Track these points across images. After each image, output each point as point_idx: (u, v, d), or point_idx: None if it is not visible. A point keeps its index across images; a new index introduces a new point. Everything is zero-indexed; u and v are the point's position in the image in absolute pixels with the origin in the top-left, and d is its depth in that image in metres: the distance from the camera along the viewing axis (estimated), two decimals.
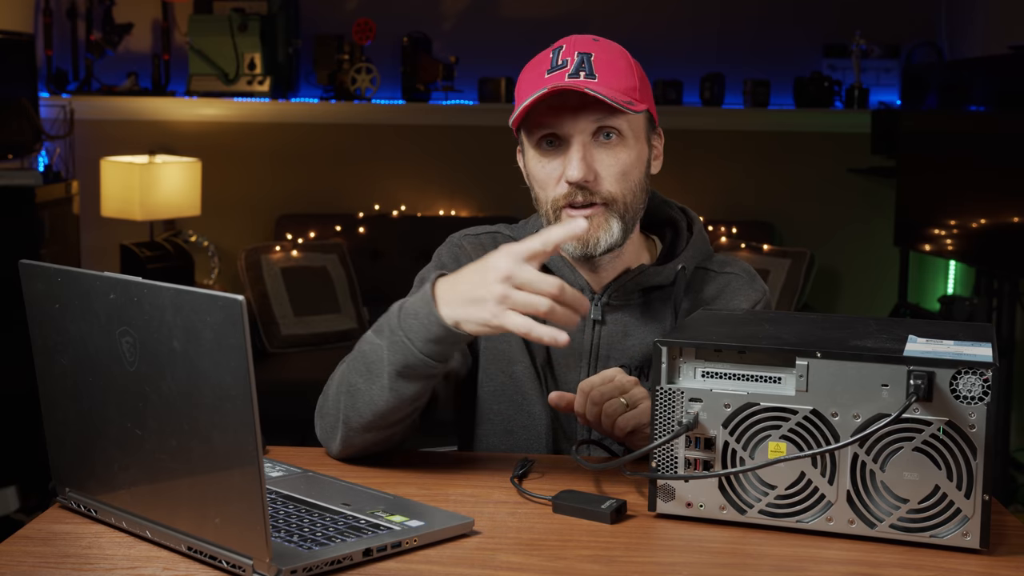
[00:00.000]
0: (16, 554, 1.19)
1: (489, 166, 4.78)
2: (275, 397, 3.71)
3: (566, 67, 1.54)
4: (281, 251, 4.52)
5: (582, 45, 1.57)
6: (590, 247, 1.58)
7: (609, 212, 1.57)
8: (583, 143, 1.55)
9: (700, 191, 4.83)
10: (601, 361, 1.64)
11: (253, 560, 1.11)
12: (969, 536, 1.22)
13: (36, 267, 1.26)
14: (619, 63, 1.57)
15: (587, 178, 1.54)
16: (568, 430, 1.66)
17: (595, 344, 1.65)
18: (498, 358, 1.66)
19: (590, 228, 1.55)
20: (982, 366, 1.19)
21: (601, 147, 1.56)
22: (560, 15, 4.82)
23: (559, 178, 1.56)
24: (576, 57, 1.55)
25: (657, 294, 1.66)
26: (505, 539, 1.26)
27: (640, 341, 1.64)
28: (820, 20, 4.87)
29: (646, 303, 1.65)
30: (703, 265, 1.70)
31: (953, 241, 3.99)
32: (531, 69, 1.60)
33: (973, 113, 3.86)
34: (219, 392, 1.09)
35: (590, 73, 1.53)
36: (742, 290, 1.68)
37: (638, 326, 1.65)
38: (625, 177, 1.57)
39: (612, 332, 1.64)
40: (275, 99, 4.79)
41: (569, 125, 1.55)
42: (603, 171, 1.56)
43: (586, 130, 1.55)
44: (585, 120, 1.54)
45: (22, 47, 4.15)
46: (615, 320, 1.65)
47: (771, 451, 1.27)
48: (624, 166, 1.57)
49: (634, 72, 1.59)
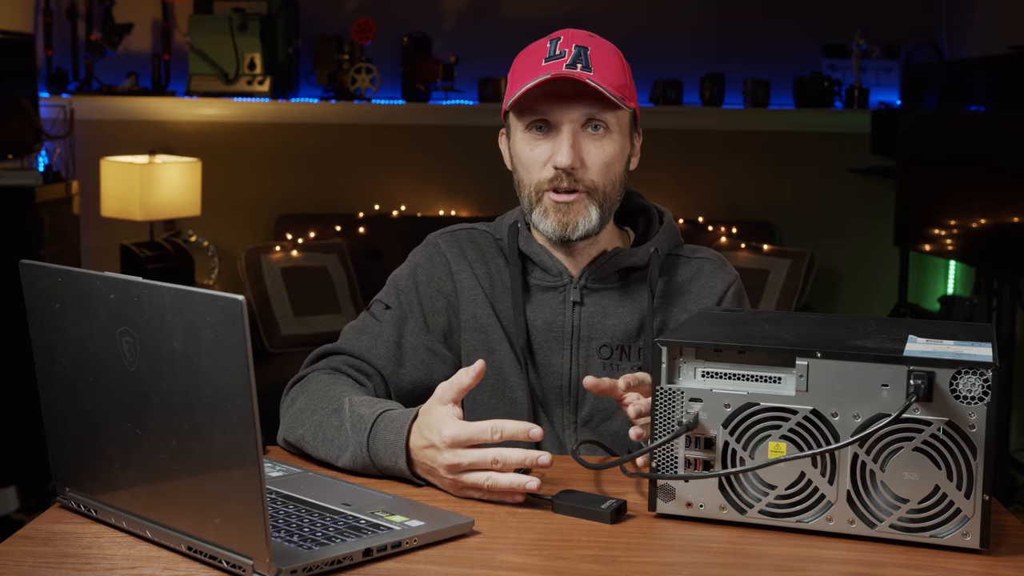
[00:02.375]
0: (16, 554, 1.19)
1: (489, 166, 4.75)
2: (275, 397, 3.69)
3: (564, 57, 1.61)
4: (281, 251, 4.52)
5: (579, 39, 1.64)
6: (568, 230, 1.64)
7: (590, 199, 1.64)
8: (573, 131, 1.62)
9: (700, 191, 4.83)
10: (583, 342, 1.69)
11: (253, 560, 1.11)
12: (969, 536, 1.22)
13: (36, 267, 1.26)
14: (613, 60, 1.64)
15: (575, 165, 1.61)
16: (549, 416, 1.70)
17: (576, 325, 1.69)
18: (478, 349, 1.70)
19: (570, 212, 1.63)
20: (982, 366, 1.19)
21: (589, 137, 1.63)
22: (560, 15, 4.82)
23: (546, 162, 1.63)
24: (574, 49, 1.62)
25: (634, 276, 1.72)
26: (505, 539, 1.26)
27: (620, 321, 1.70)
28: (820, 20, 4.87)
29: (623, 285, 1.71)
30: (675, 252, 1.76)
31: (953, 241, 3.99)
32: (527, 56, 1.66)
33: (973, 113, 3.86)
34: (219, 392, 1.09)
35: (587, 66, 1.60)
36: (716, 273, 1.74)
37: (617, 307, 1.70)
38: (608, 168, 1.64)
39: (592, 313, 1.70)
40: (275, 99, 4.79)
41: (561, 113, 1.61)
42: (589, 160, 1.63)
43: (577, 120, 1.62)
44: (577, 110, 1.61)
45: (22, 47, 4.15)
46: (594, 302, 1.70)
47: (771, 451, 1.27)
48: (608, 158, 1.64)
49: (625, 71, 1.66)
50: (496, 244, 1.76)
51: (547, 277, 1.71)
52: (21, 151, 4.11)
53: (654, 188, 1.69)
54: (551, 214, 1.64)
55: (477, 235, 1.78)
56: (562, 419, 1.70)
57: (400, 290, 1.74)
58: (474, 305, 1.71)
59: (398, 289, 1.74)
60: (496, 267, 1.74)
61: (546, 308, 1.70)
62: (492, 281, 1.73)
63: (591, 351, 1.69)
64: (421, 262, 1.76)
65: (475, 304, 1.71)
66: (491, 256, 1.75)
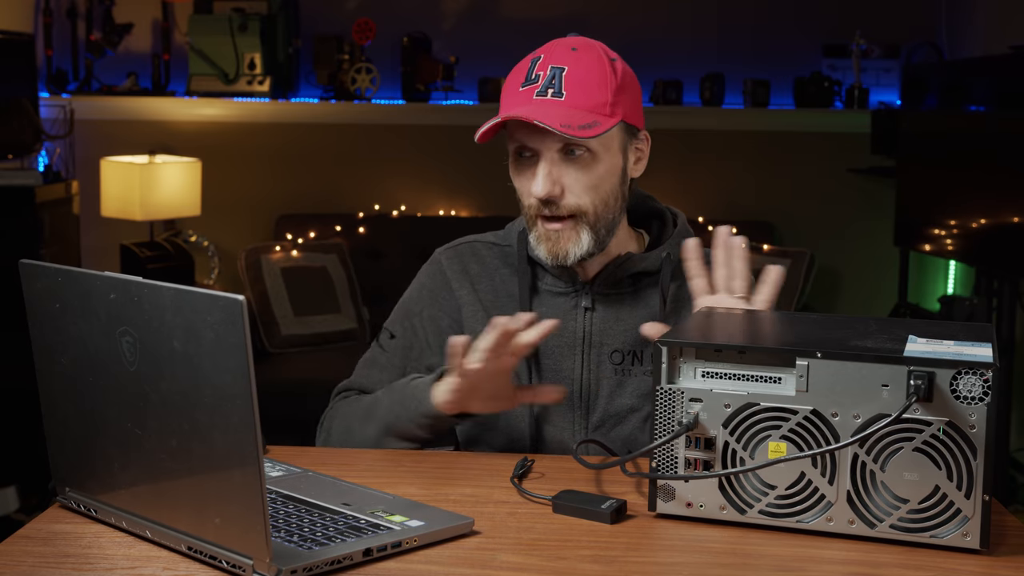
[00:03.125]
0: (16, 554, 1.19)
1: (489, 166, 4.75)
2: (275, 397, 3.71)
3: (537, 83, 1.58)
4: (281, 251, 4.52)
5: (558, 57, 1.59)
6: (559, 259, 1.62)
7: (579, 223, 1.61)
8: (551, 159, 1.59)
9: (700, 191, 4.83)
10: (594, 348, 1.68)
11: (253, 560, 1.11)
12: (969, 536, 1.22)
13: (36, 267, 1.26)
14: (592, 76, 1.58)
15: (552, 193, 1.58)
16: (557, 421, 1.69)
17: (587, 331, 1.68)
18: None
19: (560, 241, 1.62)
20: (982, 366, 1.19)
21: (570, 163, 1.59)
22: (560, 15, 4.82)
23: (531, 190, 1.61)
24: (549, 71, 1.58)
25: (646, 281, 1.70)
26: (505, 539, 1.26)
27: (632, 327, 1.68)
28: (820, 20, 4.87)
29: (635, 290, 1.70)
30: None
31: (953, 241, 3.99)
32: (513, 76, 1.64)
33: (973, 113, 3.86)
34: (219, 392, 1.09)
35: (558, 91, 1.56)
36: None
37: (629, 312, 1.69)
38: (594, 189, 1.61)
39: (604, 319, 1.68)
40: (275, 99, 4.79)
41: (538, 142, 1.59)
42: (571, 185, 1.60)
43: (553, 147, 1.59)
44: (552, 139, 1.58)
45: (22, 47, 4.14)
46: (606, 307, 1.69)
47: (771, 451, 1.27)
48: (592, 179, 1.60)
49: (609, 84, 1.59)
50: (503, 253, 1.75)
51: (558, 283, 1.70)
52: (21, 151, 4.11)
53: (654, 188, 1.69)
54: (543, 241, 1.63)
55: (481, 247, 1.77)
56: (572, 425, 1.68)
57: (405, 315, 1.77)
58: (474, 321, 1.71)
59: (404, 314, 1.77)
60: (501, 277, 1.73)
61: (557, 313, 1.69)
62: (496, 292, 1.73)
63: (603, 357, 1.67)
64: (425, 283, 1.78)
65: (475, 320, 1.71)
66: (495, 267, 1.75)
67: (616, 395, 1.67)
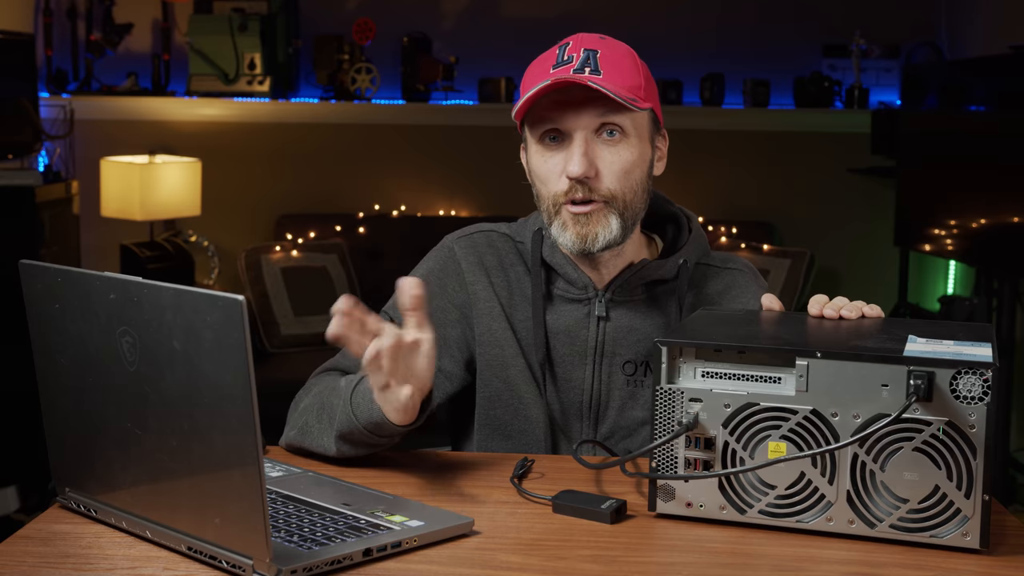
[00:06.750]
0: (16, 554, 1.19)
1: (489, 166, 4.78)
2: (275, 397, 3.68)
3: (571, 62, 1.54)
4: (281, 251, 4.52)
5: (588, 42, 1.57)
6: (587, 243, 1.56)
7: (609, 209, 1.56)
8: (585, 139, 1.54)
9: (700, 191, 4.83)
10: (607, 357, 1.64)
11: (253, 560, 1.11)
12: (969, 536, 1.22)
13: (36, 267, 1.26)
14: (624, 61, 1.57)
15: (588, 173, 1.53)
16: (567, 431, 1.66)
17: (600, 340, 1.64)
18: (492, 364, 1.65)
19: (589, 223, 1.55)
20: (982, 366, 1.19)
21: (604, 144, 1.55)
22: (560, 15, 4.82)
23: (561, 173, 1.55)
24: (582, 53, 1.55)
25: (661, 289, 1.65)
26: (505, 539, 1.26)
27: (646, 336, 1.63)
28: (820, 20, 4.87)
29: (650, 298, 1.65)
30: (704, 261, 1.70)
31: (953, 241, 3.99)
32: (537, 65, 1.60)
33: (973, 113, 3.86)
34: (219, 392, 1.09)
35: (595, 69, 1.53)
36: (749, 287, 1.69)
37: (643, 321, 1.64)
38: (626, 175, 1.56)
39: (617, 328, 1.64)
40: (275, 99, 4.79)
41: (572, 120, 1.54)
42: (604, 168, 1.55)
43: (589, 126, 1.54)
44: (588, 116, 1.53)
45: (22, 47, 4.14)
46: (620, 316, 1.64)
47: (771, 451, 1.27)
48: (626, 164, 1.56)
49: (639, 71, 1.58)
50: (517, 249, 1.70)
51: (571, 289, 1.64)
52: (21, 151, 4.11)
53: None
54: (570, 227, 1.56)
55: (496, 238, 1.71)
56: (581, 435, 1.65)
57: None
58: (489, 318, 1.65)
59: None
60: (516, 274, 1.68)
61: (569, 319, 1.64)
62: (511, 289, 1.67)
63: (615, 367, 1.64)
64: (433, 269, 1.70)
65: (490, 317, 1.65)
66: (511, 263, 1.69)
67: (627, 407, 1.63)
